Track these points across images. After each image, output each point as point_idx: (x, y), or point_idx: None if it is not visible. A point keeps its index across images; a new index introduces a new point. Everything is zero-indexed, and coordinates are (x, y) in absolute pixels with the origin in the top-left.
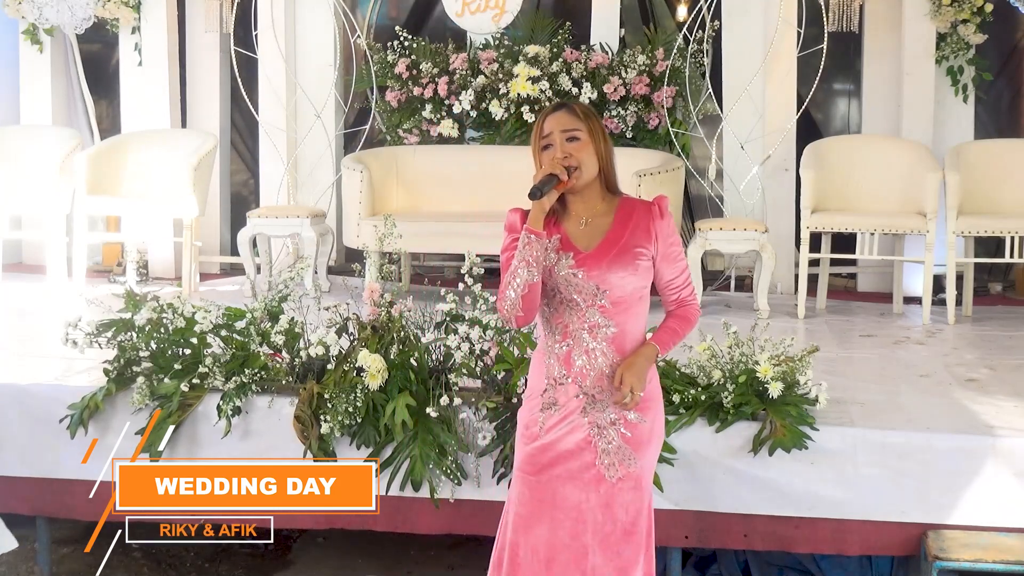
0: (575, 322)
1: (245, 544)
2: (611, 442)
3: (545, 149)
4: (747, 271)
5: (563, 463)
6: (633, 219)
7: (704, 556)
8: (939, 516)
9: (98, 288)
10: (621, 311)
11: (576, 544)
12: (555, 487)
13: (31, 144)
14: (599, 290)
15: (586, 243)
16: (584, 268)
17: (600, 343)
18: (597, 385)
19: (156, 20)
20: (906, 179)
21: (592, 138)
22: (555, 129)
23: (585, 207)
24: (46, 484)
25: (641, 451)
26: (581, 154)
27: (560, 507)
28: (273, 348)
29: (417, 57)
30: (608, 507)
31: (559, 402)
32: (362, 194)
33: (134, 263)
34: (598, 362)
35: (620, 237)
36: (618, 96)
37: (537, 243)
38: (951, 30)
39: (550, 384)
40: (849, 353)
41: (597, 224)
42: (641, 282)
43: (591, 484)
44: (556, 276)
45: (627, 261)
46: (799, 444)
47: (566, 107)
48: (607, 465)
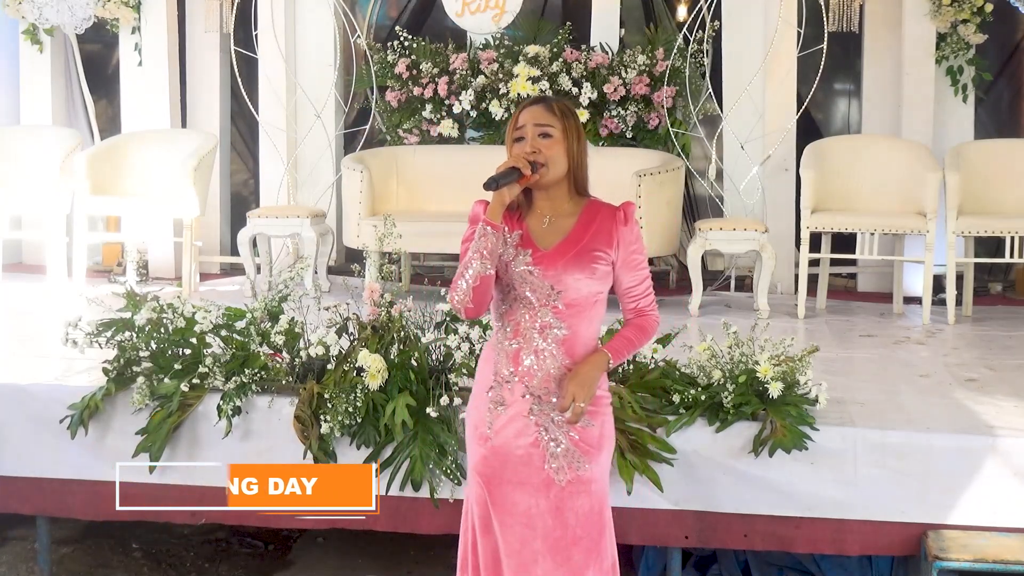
0: (527, 320)
1: (245, 544)
2: (559, 445)
3: (517, 141)
4: (747, 271)
5: (513, 467)
6: (596, 222)
7: (704, 556)
8: (939, 516)
9: (98, 288)
10: (574, 314)
11: (526, 550)
12: (506, 491)
13: (31, 144)
14: (554, 290)
15: (546, 242)
16: (541, 266)
17: (550, 344)
18: (544, 387)
19: (156, 20)
20: (906, 179)
21: (565, 137)
22: (529, 122)
23: (550, 206)
24: (46, 484)
25: (592, 455)
26: (551, 151)
27: (511, 512)
28: (273, 348)
29: (417, 57)
30: (558, 512)
31: (506, 401)
32: (362, 194)
33: (134, 263)
34: (546, 363)
35: (580, 239)
36: (618, 96)
37: (492, 235)
38: (951, 30)
39: (497, 382)
40: (849, 353)
41: (560, 224)
42: (598, 287)
43: (541, 489)
44: (512, 272)
45: (584, 263)
46: (799, 444)
47: (544, 102)
48: (556, 469)
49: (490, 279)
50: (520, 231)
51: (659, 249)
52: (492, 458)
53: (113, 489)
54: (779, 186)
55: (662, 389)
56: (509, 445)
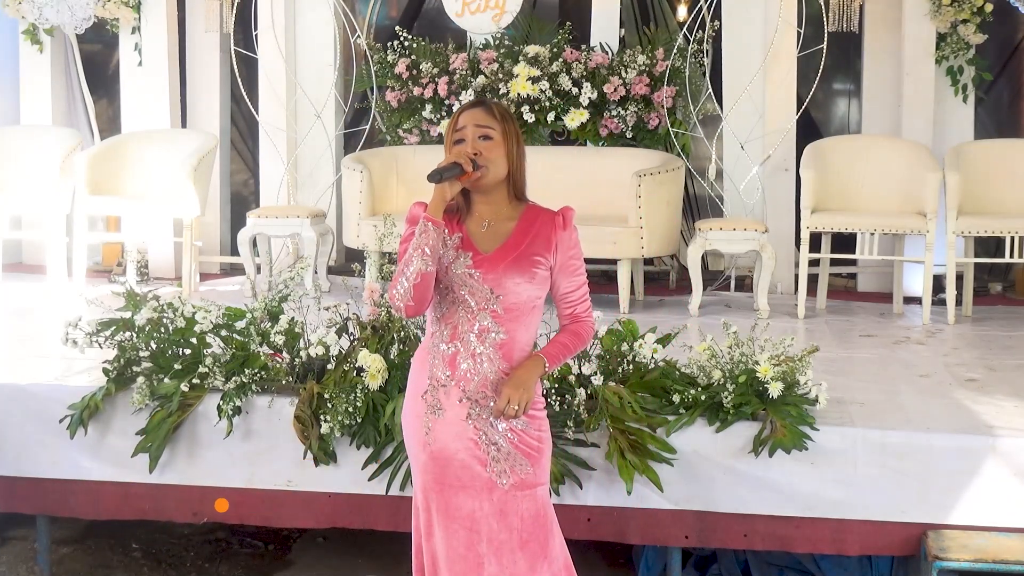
0: (464, 324)
1: (245, 544)
2: (500, 449)
3: (457, 143)
4: (747, 271)
5: (455, 471)
6: (535, 227)
7: (704, 556)
8: (939, 516)
9: (98, 288)
10: (512, 318)
11: (471, 554)
12: (448, 496)
13: (31, 144)
14: (493, 294)
15: (486, 245)
16: (481, 270)
17: (488, 348)
18: (481, 391)
19: (156, 20)
20: (906, 179)
21: (505, 140)
22: (469, 124)
23: (490, 209)
24: (46, 484)
25: (532, 459)
26: (491, 153)
27: (454, 517)
28: (273, 348)
29: (417, 57)
30: (503, 515)
31: (443, 405)
32: (362, 194)
33: (134, 263)
34: (483, 368)
35: (520, 243)
36: (618, 96)
37: (434, 231)
38: (951, 30)
39: (432, 385)
40: (849, 353)
41: (499, 228)
42: (536, 291)
43: (483, 492)
44: (452, 274)
45: (524, 268)
46: (799, 444)
47: (483, 104)
48: (498, 472)
49: (431, 276)
50: (459, 234)
51: (659, 249)
52: (432, 463)
53: (113, 489)
54: (779, 186)
55: (662, 389)
56: (449, 449)
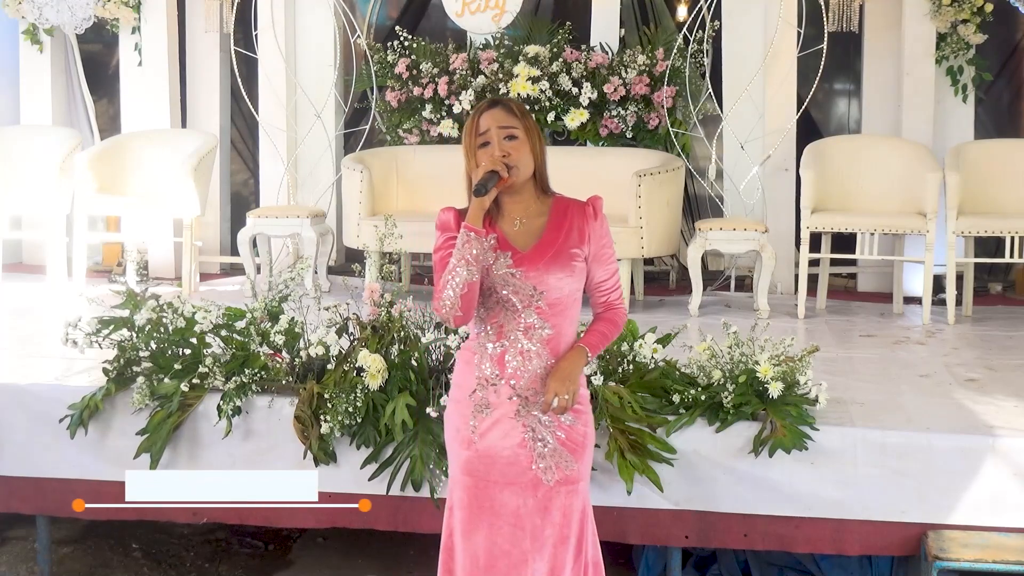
0: (510, 322)
1: (245, 544)
2: (547, 445)
3: (482, 147)
4: (747, 271)
5: (500, 468)
6: (568, 220)
7: (704, 556)
8: (939, 516)
9: (98, 288)
10: (557, 313)
11: (516, 550)
12: (492, 493)
13: (31, 144)
14: (536, 291)
15: (522, 243)
16: (522, 268)
17: (535, 344)
18: (531, 387)
19: (156, 20)
20: (906, 179)
21: (528, 137)
22: (492, 126)
23: (519, 207)
24: (46, 484)
25: (577, 454)
26: (519, 153)
27: (499, 513)
28: (273, 348)
29: (417, 57)
30: (547, 511)
31: (491, 404)
32: (362, 194)
33: (134, 263)
34: (532, 364)
35: (556, 238)
36: (618, 96)
37: (476, 241)
38: (951, 30)
39: (481, 385)
40: (849, 353)
41: (532, 224)
42: (576, 284)
43: (529, 488)
44: (493, 275)
45: (564, 262)
46: (799, 444)
47: (502, 104)
48: (544, 468)
49: (476, 285)
50: (495, 235)
51: (659, 249)
52: (477, 461)
53: (113, 489)
54: (779, 186)
55: (662, 389)
56: (495, 447)
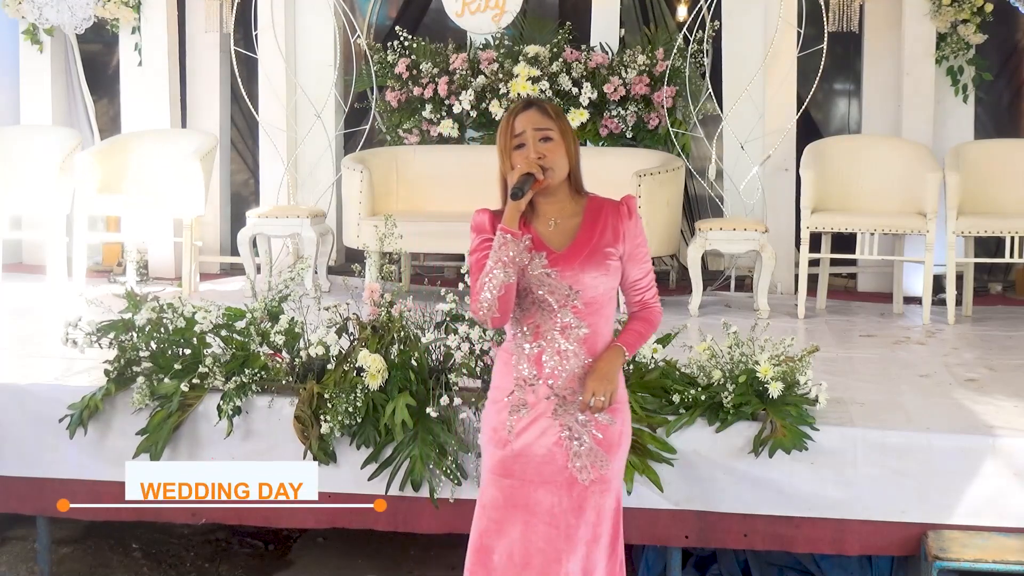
0: (547, 323)
1: (245, 544)
2: (583, 444)
3: (517, 148)
4: (747, 271)
5: (535, 467)
6: (602, 219)
7: (704, 556)
8: (939, 516)
9: (98, 288)
10: (593, 312)
11: (550, 548)
12: (528, 491)
13: (31, 144)
14: (572, 291)
15: (557, 243)
16: (557, 268)
17: (572, 344)
18: (568, 386)
19: (156, 20)
20: (906, 179)
21: (564, 138)
22: (528, 128)
23: (554, 208)
24: (46, 484)
25: (612, 453)
26: (554, 155)
27: (533, 511)
28: (273, 348)
29: (417, 57)
30: (580, 510)
31: (529, 404)
32: (362, 194)
33: (134, 263)
34: (570, 363)
35: (591, 238)
36: (618, 96)
37: (513, 243)
38: (951, 30)
39: (519, 385)
40: (849, 353)
41: (566, 225)
42: (612, 283)
43: (563, 487)
44: (529, 276)
45: (599, 261)
46: (799, 444)
47: (537, 105)
48: (579, 468)
49: (513, 287)
50: (529, 235)
51: (659, 249)
52: (512, 460)
53: (113, 489)
54: (779, 186)
55: (662, 389)
56: (532, 446)
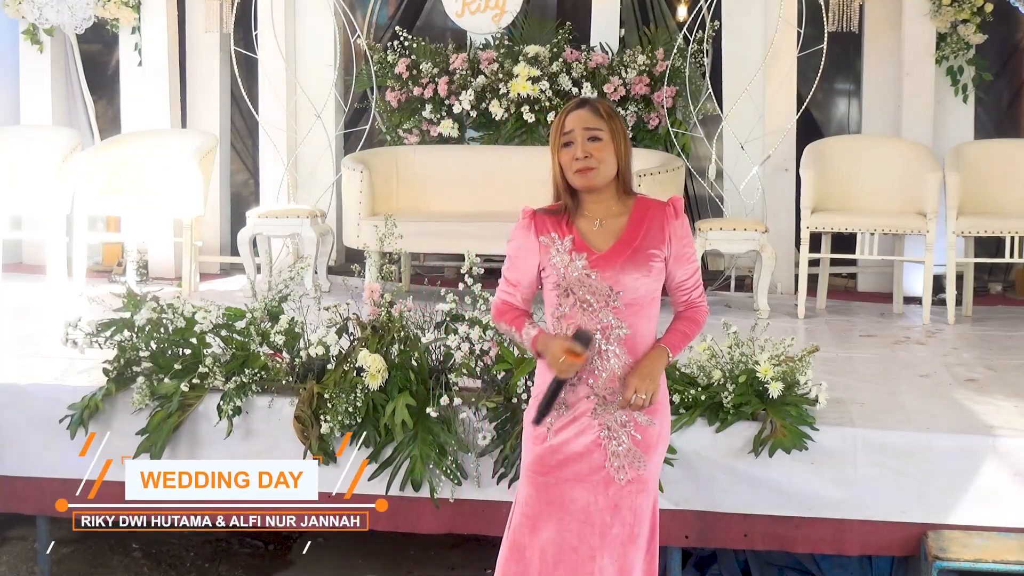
0: (588, 323)
1: (245, 544)
2: (621, 444)
3: (565, 147)
4: (747, 271)
5: (572, 465)
6: (647, 220)
7: (704, 556)
8: (939, 516)
9: (98, 288)
10: (634, 313)
11: (584, 546)
12: (563, 489)
13: (31, 144)
14: (612, 291)
15: (600, 244)
16: (598, 269)
17: (613, 345)
18: (609, 387)
19: (156, 20)
20: (906, 179)
21: (614, 139)
22: (577, 127)
23: (600, 207)
24: (46, 484)
25: (649, 453)
26: (601, 154)
27: (568, 509)
28: (273, 348)
29: (417, 57)
30: (616, 509)
31: (569, 403)
32: (362, 194)
33: (134, 263)
34: (610, 364)
35: (634, 239)
36: (618, 96)
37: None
38: (951, 30)
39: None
40: (849, 353)
41: (611, 225)
42: (654, 284)
43: (600, 486)
44: (569, 277)
45: (641, 263)
46: (799, 444)
47: (589, 105)
48: (616, 467)
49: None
50: (571, 235)
51: None
52: (549, 457)
53: (113, 489)
54: (779, 186)
55: None
56: (569, 444)
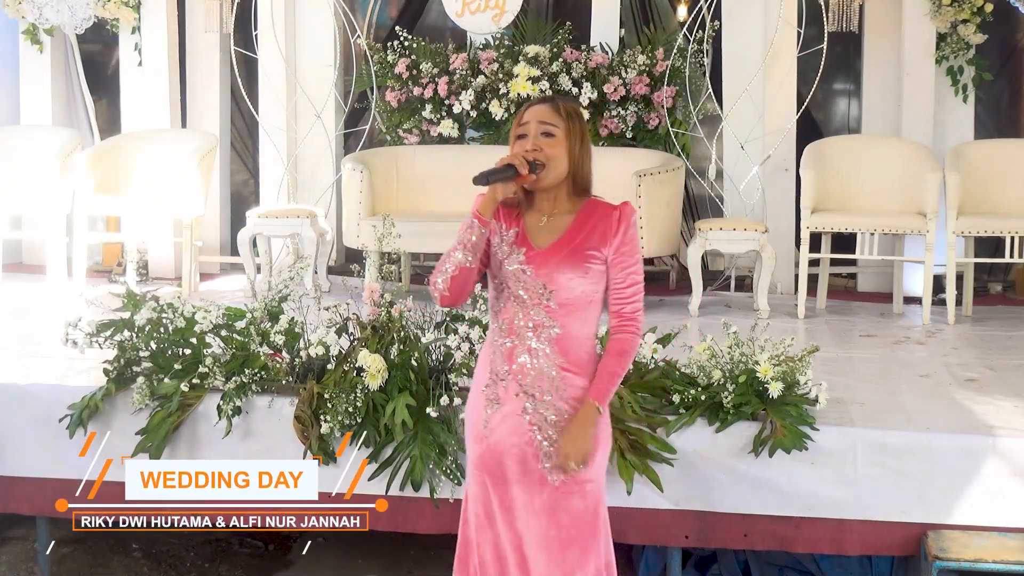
0: (520, 319)
1: (245, 544)
2: (552, 444)
3: (520, 139)
4: (747, 271)
5: (509, 465)
6: (592, 221)
7: (704, 556)
8: (939, 516)
9: (98, 288)
10: (567, 313)
11: (524, 547)
12: (501, 490)
13: (31, 144)
14: (546, 290)
15: (541, 241)
16: (533, 265)
17: (543, 343)
18: (538, 385)
19: (156, 20)
20: (906, 179)
21: (568, 138)
22: (533, 120)
23: (550, 205)
24: (46, 484)
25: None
26: (552, 150)
27: (508, 509)
28: (273, 348)
29: (417, 57)
30: (552, 511)
31: (501, 399)
32: (362, 194)
33: (134, 263)
34: (540, 362)
35: (575, 238)
36: (618, 96)
37: (478, 229)
38: (951, 30)
39: (492, 379)
40: (849, 353)
41: (556, 223)
42: (592, 286)
43: (535, 487)
44: (506, 270)
45: (577, 263)
46: (799, 444)
47: (551, 101)
48: (550, 468)
49: (470, 272)
50: (517, 228)
51: (659, 249)
52: (488, 456)
53: (113, 489)
54: (779, 186)
55: (662, 389)
56: (505, 443)
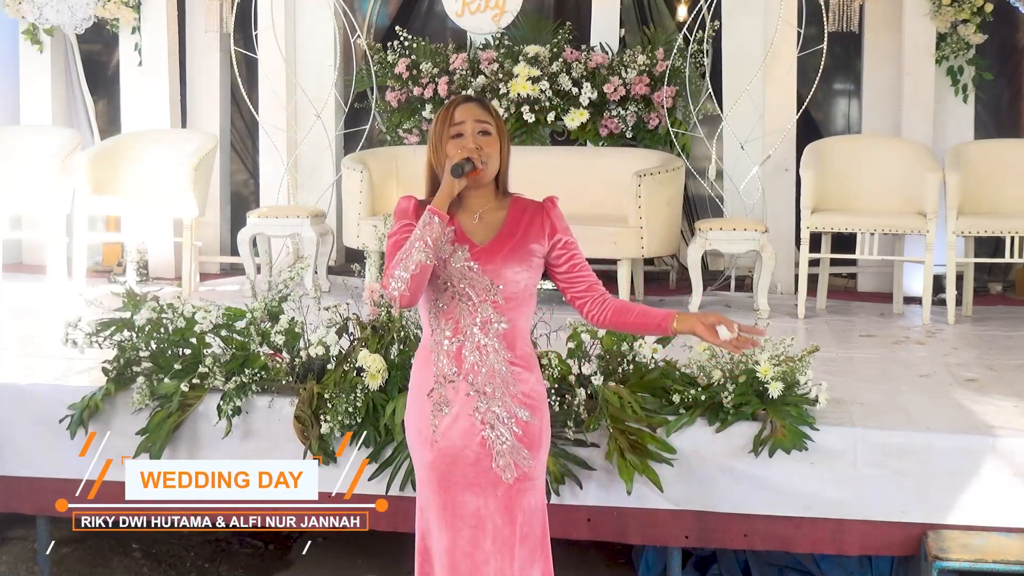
0: (467, 317)
1: (245, 544)
2: (505, 442)
3: (454, 138)
4: (747, 271)
5: (461, 469)
6: (526, 216)
7: (704, 556)
8: (939, 516)
9: (98, 288)
10: (513, 307)
11: (477, 552)
12: (454, 494)
13: (31, 144)
14: (493, 285)
15: (480, 237)
16: (479, 261)
17: (492, 339)
18: (488, 382)
19: (156, 20)
20: (906, 179)
21: (499, 136)
22: (468, 119)
23: (480, 202)
24: (46, 484)
25: (534, 450)
26: (490, 149)
27: (459, 515)
28: (273, 348)
29: (417, 57)
30: (507, 511)
31: (450, 401)
32: (362, 194)
33: (134, 263)
34: (489, 359)
35: (515, 232)
36: (618, 96)
37: (439, 225)
38: (951, 30)
39: (439, 383)
40: (849, 353)
41: (491, 219)
42: (533, 278)
43: (488, 489)
44: (450, 268)
45: (522, 256)
46: (799, 444)
47: (479, 101)
48: (503, 467)
49: (429, 268)
50: (452, 227)
51: (659, 249)
52: (440, 461)
53: (113, 489)
54: (779, 186)
55: (662, 389)
56: (456, 447)
